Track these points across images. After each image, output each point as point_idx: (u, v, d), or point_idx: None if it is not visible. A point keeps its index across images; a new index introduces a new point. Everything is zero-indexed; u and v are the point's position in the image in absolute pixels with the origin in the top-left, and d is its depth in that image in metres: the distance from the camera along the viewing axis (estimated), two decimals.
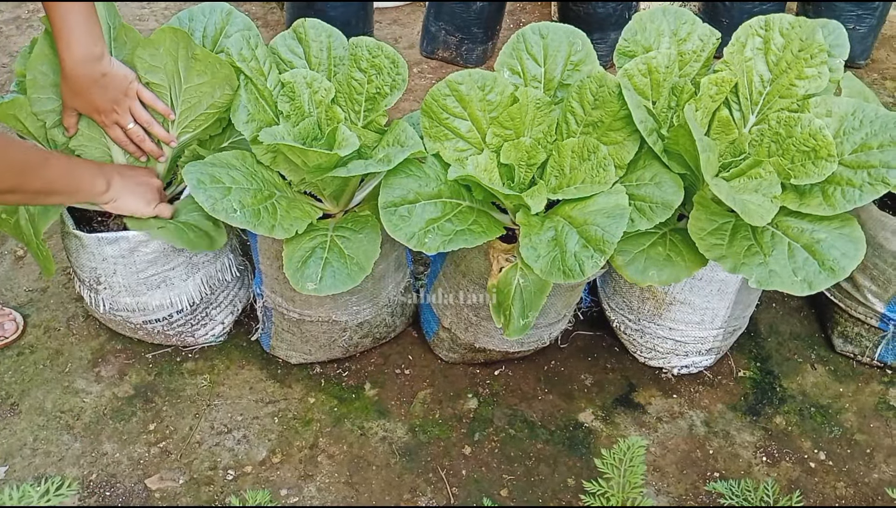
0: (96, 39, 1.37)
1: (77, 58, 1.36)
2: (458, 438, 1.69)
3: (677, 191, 1.39)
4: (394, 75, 1.50)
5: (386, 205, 1.39)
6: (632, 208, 1.39)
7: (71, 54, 1.36)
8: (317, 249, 1.43)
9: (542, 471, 1.63)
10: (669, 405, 1.78)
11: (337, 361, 1.82)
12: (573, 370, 1.84)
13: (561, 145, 1.47)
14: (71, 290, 1.95)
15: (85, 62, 1.37)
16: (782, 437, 1.72)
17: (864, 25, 2.83)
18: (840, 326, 1.87)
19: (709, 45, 1.55)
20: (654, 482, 1.62)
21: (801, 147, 1.40)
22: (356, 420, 1.71)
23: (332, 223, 1.50)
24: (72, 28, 1.33)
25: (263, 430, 1.68)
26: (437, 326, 1.78)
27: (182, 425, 1.68)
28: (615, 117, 1.43)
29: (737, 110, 1.53)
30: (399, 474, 1.62)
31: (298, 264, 1.41)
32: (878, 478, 1.65)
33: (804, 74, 1.48)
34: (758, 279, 1.36)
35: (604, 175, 1.40)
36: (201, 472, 1.59)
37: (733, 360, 1.88)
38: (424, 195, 1.43)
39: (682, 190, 1.39)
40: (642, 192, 1.42)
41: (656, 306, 1.71)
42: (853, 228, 1.40)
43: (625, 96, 1.38)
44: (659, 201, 1.39)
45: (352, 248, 1.44)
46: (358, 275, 1.41)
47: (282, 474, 1.60)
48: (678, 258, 1.45)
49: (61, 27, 1.33)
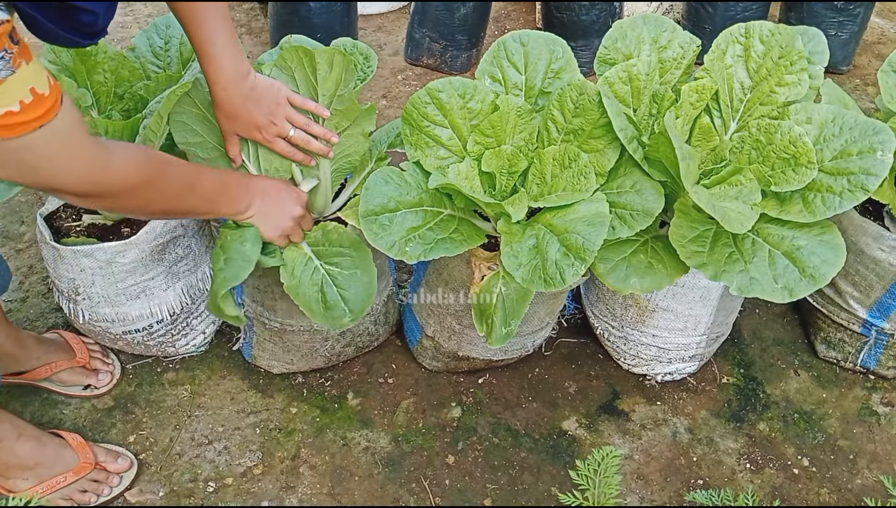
0: (242, 57, 1.33)
1: (229, 77, 1.32)
2: (441, 447, 1.68)
3: (657, 198, 1.39)
4: (365, 68, 1.55)
5: (366, 214, 1.38)
6: (612, 215, 1.39)
7: (222, 76, 1.31)
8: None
9: (526, 480, 1.62)
10: (653, 412, 1.77)
11: (319, 370, 1.80)
12: (557, 378, 1.83)
13: (542, 153, 1.47)
14: (51, 300, 1.93)
15: (235, 81, 1.33)
16: (766, 444, 1.72)
17: (846, 32, 2.85)
18: (823, 332, 1.87)
19: (689, 53, 1.55)
20: (637, 489, 1.62)
21: (782, 154, 1.40)
22: (339, 430, 1.69)
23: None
24: (221, 50, 1.30)
25: (245, 441, 1.66)
26: (421, 334, 1.77)
27: (162, 436, 1.66)
28: (595, 125, 1.43)
29: (718, 118, 1.53)
30: (382, 484, 1.60)
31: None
32: (861, 484, 1.65)
33: (784, 81, 1.48)
34: (738, 287, 1.36)
35: (584, 183, 1.39)
36: (182, 484, 1.58)
37: (717, 366, 1.88)
38: (405, 204, 1.42)
39: (662, 198, 1.39)
40: (623, 199, 1.42)
41: (639, 313, 1.70)
42: (833, 234, 1.40)
43: (605, 104, 1.38)
44: (639, 209, 1.39)
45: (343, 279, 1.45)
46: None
47: (263, 485, 1.59)
48: (660, 266, 1.45)
49: (209, 50, 1.29)
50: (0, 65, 0.81)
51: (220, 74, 1.31)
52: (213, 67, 1.31)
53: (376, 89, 2.79)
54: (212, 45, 1.29)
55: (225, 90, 1.33)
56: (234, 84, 1.33)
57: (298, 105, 1.41)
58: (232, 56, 1.31)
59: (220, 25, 1.29)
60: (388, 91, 2.80)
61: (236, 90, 1.34)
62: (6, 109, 0.86)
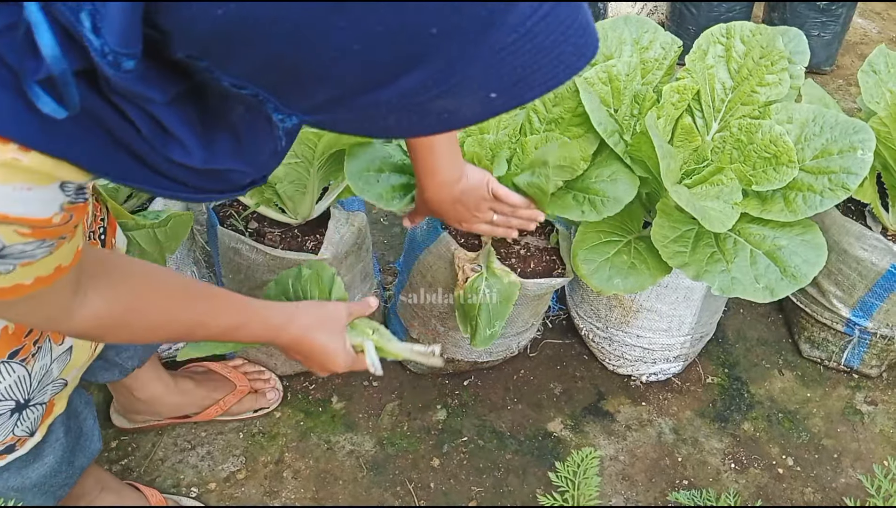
0: (458, 161, 1.27)
1: (441, 182, 1.26)
2: (426, 450, 1.67)
3: (630, 189, 1.40)
4: None
5: (353, 172, 1.37)
6: (585, 201, 1.42)
7: (433, 180, 1.25)
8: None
9: (511, 482, 1.62)
10: (638, 412, 1.77)
11: (304, 374, 1.79)
12: (542, 379, 1.83)
13: (524, 141, 1.47)
14: None
15: (445, 185, 1.27)
16: (750, 443, 1.72)
17: (829, 32, 2.86)
18: (807, 331, 1.88)
19: (671, 53, 1.55)
20: (622, 490, 1.62)
21: (763, 153, 1.41)
22: (323, 434, 1.68)
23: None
24: (438, 159, 1.23)
25: (228, 446, 1.65)
26: (405, 336, 1.77)
27: (144, 442, 1.64)
28: (574, 113, 1.44)
29: (700, 118, 1.54)
30: (366, 488, 1.59)
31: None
32: (844, 483, 1.65)
33: (765, 80, 1.48)
34: (720, 287, 1.36)
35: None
36: (164, 490, 1.56)
37: (701, 367, 1.88)
38: (389, 166, 1.41)
39: (635, 188, 1.41)
40: (597, 187, 1.43)
41: (623, 313, 1.70)
42: (815, 234, 1.41)
43: (583, 99, 1.37)
44: (611, 197, 1.41)
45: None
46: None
47: (246, 490, 1.57)
48: (642, 266, 1.45)
49: (427, 156, 1.22)
50: (41, 249, 0.65)
51: (430, 179, 1.26)
52: (425, 170, 1.24)
53: None
54: (430, 153, 1.21)
55: (437, 194, 1.28)
56: (447, 187, 1.27)
57: (503, 199, 1.33)
58: (450, 163, 1.25)
59: (444, 135, 1.21)
60: None
61: (443, 194, 1.28)
62: (17, 282, 0.69)
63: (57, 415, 1.16)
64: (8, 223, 0.57)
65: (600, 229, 1.48)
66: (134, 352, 1.42)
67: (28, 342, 1.00)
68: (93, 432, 1.28)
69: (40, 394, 1.06)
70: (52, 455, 1.17)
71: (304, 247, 1.53)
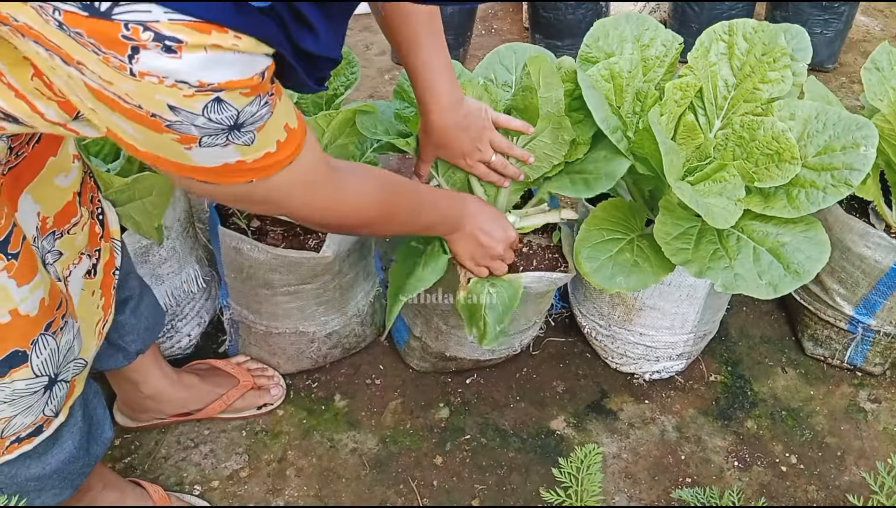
0: (457, 82, 1.30)
1: (445, 105, 1.29)
2: (429, 448, 1.67)
3: (621, 166, 1.42)
4: (349, 75, 1.57)
5: (365, 126, 1.45)
6: (579, 179, 1.46)
7: (439, 104, 1.28)
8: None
9: (514, 480, 1.62)
10: (641, 410, 1.77)
11: (306, 372, 1.79)
12: (545, 377, 1.83)
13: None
14: None
15: (451, 108, 1.30)
16: (754, 441, 1.72)
17: (831, 30, 2.86)
18: (810, 329, 1.88)
19: (672, 51, 1.55)
20: (625, 488, 1.61)
21: (765, 150, 1.40)
22: (326, 432, 1.68)
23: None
24: (438, 76, 1.26)
25: (231, 444, 1.65)
26: (408, 335, 1.77)
27: (147, 440, 1.65)
28: (572, 97, 1.45)
29: (702, 115, 1.53)
30: (369, 486, 1.59)
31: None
32: (848, 480, 1.65)
33: (767, 77, 1.48)
34: (723, 283, 1.36)
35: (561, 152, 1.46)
36: (167, 488, 1.56)
37: (704, 364, 1.88)
38: (394, 129, 1.49)
39: (626, 166, 1.42)
40: (591, 166, 1.45)
41: (626, 311, 1.70)
42: (818, 231, 1.41)
43: (585, 96, 1.37)
44: (602, 174, 1.42)
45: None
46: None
47: (249, 488, 1.58)
48: (645, 264, 1.45)
49: (427, 76, 1.26)
50: (263, 109, 0.77)
51: (437, 103, 1.27)
52: (429, 93, 1.27)
53: (363, 89, 2.78)
54: (430, 71, 1.24)
55: (440, 119, 1.30)
56: (450, 112, 1.29)
57: (503, 125, 1.38)
58: (450, 81, 1.27)
59: (438, 48, 1.25)
60: (376, 91, 2.79)
61: (451, 118, 1.30)
62: (265, 150, 0.83)
63: (76, 396, 1.19)
64: (233, 88, 0.71)
65: (603, 228, 1.48)
66: (137, 335, 1.44)
67: (58, 315, 1.06)
68: (104, 420, 1.31)
69: (65, 371, 1.11)
70: (70, 439, 1.20)
71: (307, 245, 1.53)
